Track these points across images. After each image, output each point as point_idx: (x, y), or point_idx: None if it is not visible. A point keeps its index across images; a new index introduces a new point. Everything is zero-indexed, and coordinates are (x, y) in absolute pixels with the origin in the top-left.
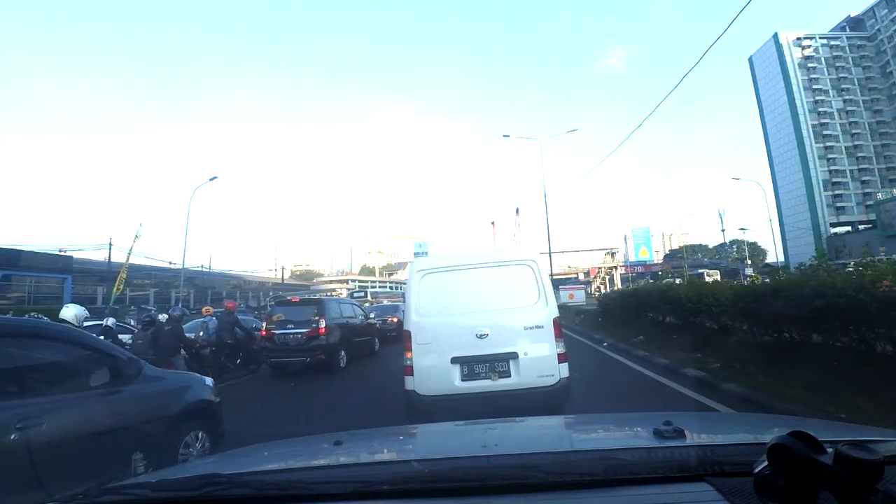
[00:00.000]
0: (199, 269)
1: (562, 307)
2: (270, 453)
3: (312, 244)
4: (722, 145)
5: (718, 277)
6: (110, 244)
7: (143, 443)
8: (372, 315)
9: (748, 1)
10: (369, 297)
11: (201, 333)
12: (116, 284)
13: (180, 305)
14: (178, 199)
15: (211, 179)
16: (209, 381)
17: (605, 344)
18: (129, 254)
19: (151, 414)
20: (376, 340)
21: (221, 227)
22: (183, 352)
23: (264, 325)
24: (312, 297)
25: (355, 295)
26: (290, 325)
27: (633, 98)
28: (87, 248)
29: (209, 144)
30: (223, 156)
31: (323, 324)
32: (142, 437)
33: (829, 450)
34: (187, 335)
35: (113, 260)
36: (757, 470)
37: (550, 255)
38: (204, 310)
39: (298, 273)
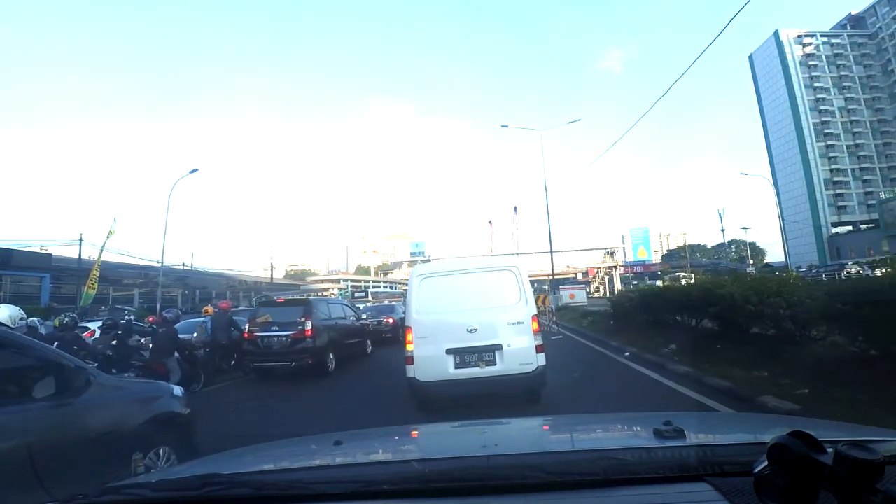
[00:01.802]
0: (181, 266)
1: (564, 308)
2: (270, 453)
3: (309, 244)
4: (720, 145)
5: (693, 280)
6: (80, 240)
7: (95, 461)
8: (364, 316)
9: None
10: (370, 297)
11: (194, 334)
12: (89, 283)
13: (158, 307)
14: (175, 199)
15: (191, 172)
16: (178, 390)
17: (626, 354)
18: (102, 250)
19: (105, 428)
20: (368, 342)
21: (219, 227)
22: (177, 354)
23: (247, 326)
24: (298, 298)
25: (356, 295)
26: (274, 328)
27: (632, 98)
28: (55, 243)
29: (206, 143)
30: (220, 154)
31: (309, 325)
32: (93, 454)
33: (829, 450)
34: (186, 336)
35: (98, 258)
36: (757, 470)
37: (552, 251)
38: (204, 310)
39: (293, 273)
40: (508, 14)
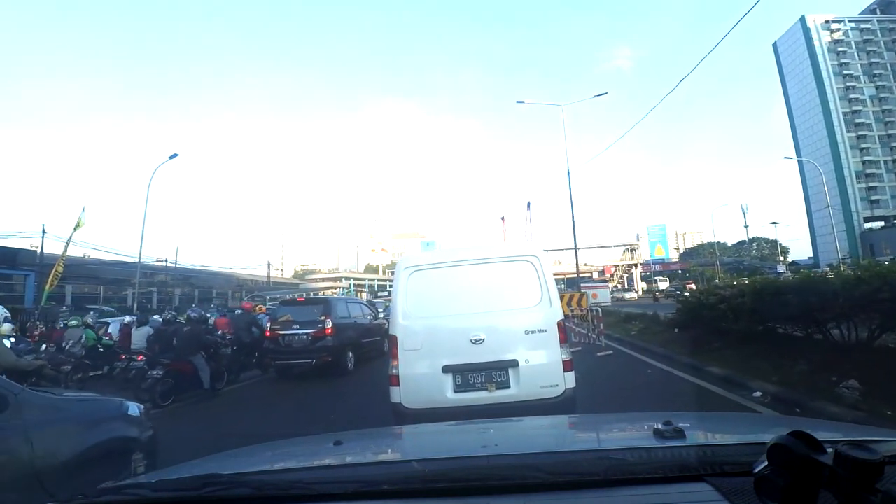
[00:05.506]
0: (163, 263)
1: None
2: (270, 453)
3: (320, 243)
4: (740, 140)
5: (668, 285)
6: (43, 231)
7: None
8: (381, 313)
9: None
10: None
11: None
12: (50, 280)
13: (132, 305)
14: (177, 199)
15: (171, 157)
16: (135, 408)
17: (758, 395)
18: (68, 244)
19: (23, 461)
20: (386, 341)
21: (231, 226)
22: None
23: (268, 325)
24: (318, 297)
25: (380, 294)
26: (294, 326)
27: (646, 94)
28: (9, 235)
29: (214, 142)
30: (230, 153)
31: (329, 324)
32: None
33: (829, 450)
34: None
35: (63, 252)
36: (757, 470)
37: (576, 246)
38: (257, 307)
39: (301, 272)
40: (517, 10)
